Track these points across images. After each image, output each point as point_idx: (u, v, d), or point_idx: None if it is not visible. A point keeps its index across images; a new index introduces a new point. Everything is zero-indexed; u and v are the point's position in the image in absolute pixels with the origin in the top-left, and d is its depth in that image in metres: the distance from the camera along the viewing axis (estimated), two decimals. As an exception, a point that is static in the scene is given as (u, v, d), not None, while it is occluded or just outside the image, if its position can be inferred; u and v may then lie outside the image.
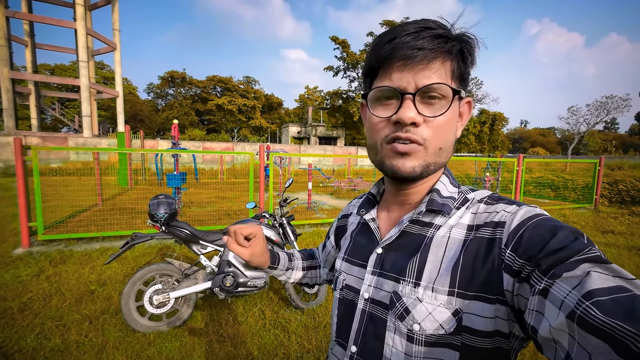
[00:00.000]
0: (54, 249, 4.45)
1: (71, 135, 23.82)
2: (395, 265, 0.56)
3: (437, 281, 0.50)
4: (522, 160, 8.09)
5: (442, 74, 0.50)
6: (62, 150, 4.36)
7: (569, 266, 0.37)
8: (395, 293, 0.54)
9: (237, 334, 2.63)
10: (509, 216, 0.48)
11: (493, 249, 0.47)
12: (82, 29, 22.15)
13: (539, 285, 0.38)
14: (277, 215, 3.15)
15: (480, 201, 0.55)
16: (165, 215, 2.73)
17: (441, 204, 0.55)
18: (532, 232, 0.44)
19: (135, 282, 2.69)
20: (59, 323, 2.70)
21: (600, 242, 5.52)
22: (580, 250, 0.38)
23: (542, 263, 0.40)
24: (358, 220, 0.71)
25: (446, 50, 0.50)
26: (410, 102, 0.50)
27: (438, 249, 0.52)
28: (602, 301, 0.31)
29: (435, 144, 0.52)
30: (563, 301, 0.34)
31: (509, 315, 0.45)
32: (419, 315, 0.50)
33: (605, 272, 0.35)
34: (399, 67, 0.50)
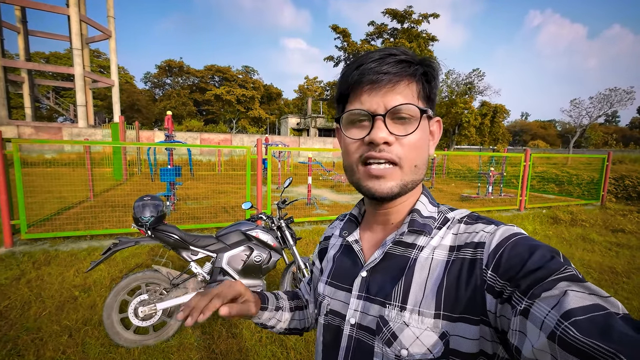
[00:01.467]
0: (38, 249, 4.20)
1: (66, 125, 23.39)
2: (381, 288, 0.55)
3: (422, 304, 0.50)
4: (529, 155, 7.83)
5: (409, 95, 0.52)
6: (45, 143, 4.08)
7: (547, 285, 0.37)
8: (381, 318, 0.53)
9: (230, 350, 2.40)
10: (488, 236, 0.49)
11: (475, 269, 0.47)
12: (76, 16, 21.52)
13: (519, 306, 0.39)
14: (275, 218, 2.89)
15: (460, 221, 0.55)
16: (151, 219, 2.47)
17: (422, 224, 0.55)
18: (511, 252, 0.44)
19: (119, 291, 2.44)
20: (35, 336, 2.47)
21: (611, 242, 5.31)
22: (557, 269, 0.39)
23: (521, 283, 0.40)
24: (340, 242, 0.69)
25: (410, 73, 0.52)
26: (381, 123, 0.52)
27: (422, 271, 0.52)
28: (579, 321, 0.32)
29: (410, 162, 0.53)
30: (543, 321, 0.35)
31: (492, 337, 0.45)
32: (407, 340, 0.50)
33: (581, 291, 0.36)
34: (368, 91, 0.52)
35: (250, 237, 2.72)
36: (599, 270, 4.11)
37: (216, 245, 2.66)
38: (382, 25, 31.15)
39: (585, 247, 5.08)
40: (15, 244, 4.32)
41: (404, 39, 29.17)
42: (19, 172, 4.20)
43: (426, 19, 29.43)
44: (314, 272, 0.79)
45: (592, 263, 4.37)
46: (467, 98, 32.78)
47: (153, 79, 51.83)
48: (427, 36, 30.32)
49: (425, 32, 30.38)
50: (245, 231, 2.72)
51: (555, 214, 7.06)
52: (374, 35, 31.82)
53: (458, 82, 34.42)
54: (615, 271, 4.07)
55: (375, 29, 31.40)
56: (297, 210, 6.97)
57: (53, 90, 31.29)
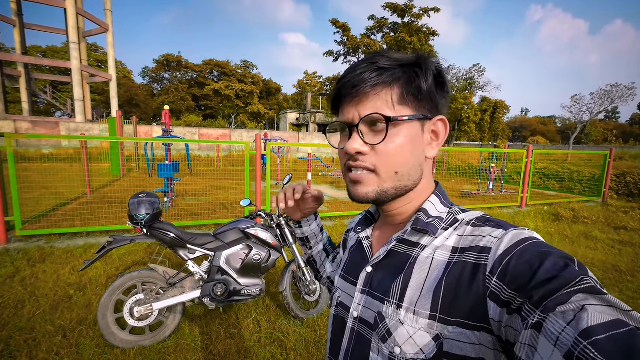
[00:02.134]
0: (33, 246, 4.13)
1: (63, 120, 23.21)
2: (382, 284, 0.56)
3: (418, 303, 0.50)
4: (531, 151, 7.76)
5: (377, 103, 0.52)
6: (39, 138, 3.99)
7: (562, 299, 0.35)
8: (379, 314, 0.54)
9: (228, 351, 2.34)
10: (495, 242, 0.46)
11: (477, 275, 0.45)
12: (72, 9, 21.24)
13: (531, 319, 0.36)
14: (275, 215, 2.82)
15: (469, 223, 0.54)
16: (146, 217, 2.40)
17: (426, 224, 0.55)
18: (519, 259, 0.42)
19: (114, 291, 2.37)
20: (29, 336, 2.40)
21: (614, 240, 5.27)
22: (573, 279, 0.36)
23: (533, 295, 0.38)
24: (356, 237, 0.71)
25: (383, 81, 0.52)
26: (355, 134, 0.53)
27: (421, 270, 0.52)
28: (599, 340, 0.30)
29: (388, 169, 0.54)
30: (558, 338, 0.33)
31: (494, 345, 0.43)
32: (400, 339, 0.50)
33: (600, 304, 0.33)
34: (347, 102, 0.55)
35: (249, 235, 2.65)
36: (602, 269, 4.06)
37: (214, 243, 2.59)
38: (382, 19, 30.87)
39: (588, 245, 5.03)
40: (10, 241, 4.24)
41: (405, 33, 28.92)
42: (13, 167, 4.11)
43: (427, 13, 29.16)
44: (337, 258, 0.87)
45: (596, 261, 4.32)
46: (467, 94, 32.62)
47: (151, 73, 51.46)
48: (427, 31, 30.06)
49: (426, 27, 30.12)
50: (243, 229, 2.65)
51: (556, 211, 7.01)
52: (374, 29, 31.55)
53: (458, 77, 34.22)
54: (619, 269, 4.02)
55: (376, 23, 31.12)
56: (296, 207, 6.91)
57: (50, 84, 31.01)
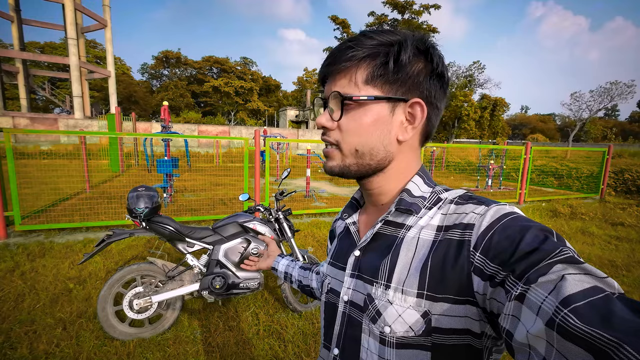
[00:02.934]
0: (33, 241, 4.14)
1: (62, 116, 23.14)
2: (370, 267, 0.57)
3: (406, 283, 0.50)
4: (529, 148, 7.78)
5: (345, 82, 0.54)
6: (38, 133, 4.00)
7: (543, 269, 0.36)
8: (368, 295, 0.55)
9: (227, 343, 2.36)
10: (478, 218, 0.48)
11: (462, 251, 0.47)
12: (70, 4, 21.11)
13: (514, 291, 0.38)
14: (273, 209, 2.84)
15: (452, 201, 0.54)
16: (145, 210, 2.41)
17: (410, 203, 0.55)
18: (501, 234, 0.43)
19: (114, 284, 2.39)
20: (29, 329, 2.42)
21: (611, 236, 5.30)
22: (552, 251, 0.38)
23: (515, 268, 0.39)
24: (344, 224, 0.71)
25: (351, 59, 0.53)
26: (326, 109, 0.57)
27: (408, 250, 0.53)
28: (579, 307, 0.31)
29: (348, 146, 0.55)
30: (540, 307, 0.34)
31: (480, 316, 0.45)
32: (390, 318, 0.51)
33: (578, 273, 0.35)
34: (327, 80, 0.58)
35: (248, 229, 2.67)
36: (598, 264, 4.09)
37: (213, 237, 2.60)
38: (382, 15, 30.76)
39: (585, 241, 5.06)
40: (10, 236, 4.26)
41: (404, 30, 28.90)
42: (12, 162, 4.12)
43: (427, 9, 29.06)
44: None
45: (592, 256, 4.35)
46: (467, 91, 32.57)
47: (150, 70, 51.25)
48: (427, 28, 29.97)
49: (426, 24, 30.03)
50: (242, 223, 2.66)
51: (554, 207, 7.04)
52: (374, 26, 31.45)
53: (458, 74, 34.15)
54: (615, 264, 4.05)
55: (376, 19, 31.01)
56: (296, 203, 6.93)
57: (49, 81, 30.88)
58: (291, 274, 0.98)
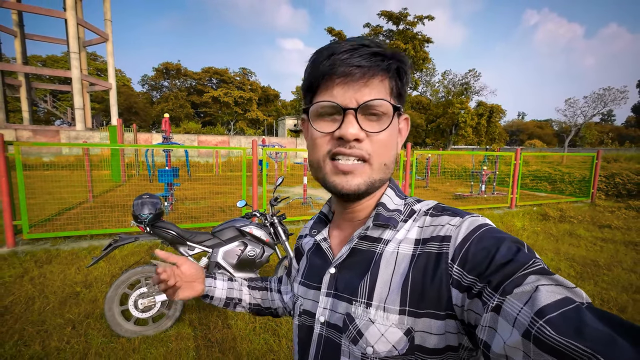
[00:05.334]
0: (40, 248, 4.32)
1: (63, 128, 23.44)
2: (348, 285, 0.55)
3: (387, 300, 0.49)
4: (519, 154, 8.00)
5: (382, 91, 0.51)
6: (45, 146, 4.22)
7: (517, 280, 0.38)
8: (348, 315, 0.53)
9: (225, 339, 2.54)
10: (454, 230, 0.48)
11: (440, 264, 0.47)
12: (73, 19, 21.61)
13: (491, 302, 0.39)
14: (268, 215, 3.04)
15: (426, 213, 0.55)
16: (149, 216, 2.62)
17: (387, 218, 0.55)
18: (477, 245, 0.44)
19: (120, 285, 2.58)
20: (40, 328, 2.60)
21: (597, 237, 5.48)
22: (525, 262, 0.39)
23: (491, 279, 0.40)
24: (312, 241, 0.68)
25: (384, 68, 0.51)
26: (353, 118, 0.50)
27: (387, 265, 0.52)
28: (553, 318, 0.32)
29: (380, 159, 0.52)
30: (516, 318, 0.35)
31: (457, 329, 0.45)
32: (372, 338, 0.49)
33: (550, 284, 0.36)
34: (340, 84, 0.50)
35: (245, 233, 2.86)
36: (582, 264, 4.27)
37: (212, 240, 2.80)
38: (377, 27, 31.38)
39: (571, 242, 5.24)
40: (18, 244, 4.44)
41: (400, 40, 29.42)
42: (21, 174, 4.33)
43: (421, 20, 29.68)
44: (291, 272, 0.80)
45: (576, 257, 4.53)
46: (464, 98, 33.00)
47: (150, 81, 51.89)
48: (422, 38, 30.56)
49: (421, 34, 30.62)
50: (239, 227, 2.86)
51: (545, 211, 7.23)
52: (369, 37, 32.03)
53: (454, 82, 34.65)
54: (597, 264, 4.23)
55: (371, 30, 31.62)
56: (293, 210, 7.11)
57: (50, 93, 31.33)
58: (239, 299, 0.83)
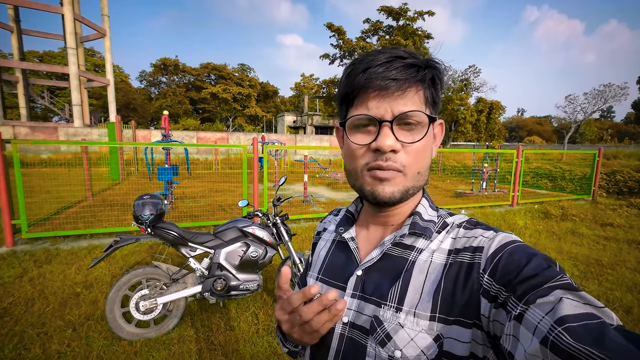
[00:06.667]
0: (39, 248, 4.28)
1: (61, 125, 23.29)
2: (377, 288, 0.56)
3: (418, 306, 0.50)
4: (521, 151, 7.96)
5: (417, 102, 0.52)
6: (43, 144, 4.16)
7: (543, 292, 0.38)
8: (376, 318, 0.54)
9: (228, 341, 2.51)
10: (487, 242, 0.50)
11: (472, 273, 0.48)
12: (70, 14, 21.37)
13: (514, 311, 0.39)
14: (271, 215, 3.00)
15: (459, 226, 0.56)
16: (150, 217, 2.57)
17: (423, 227, 0.56)
18: (509, 258, 0.45)
19: (121, 287, 2.54)
20: (40, 331, 2.56)
21: (599, 236, 5.46)
22: (553, 277, 0.40)
23: (517, 289, 0.41)
24: (333, 237, 0.69)
25: (419, 79, 0.52)
26: (389, 130, 0.51)
27: (420, 273, 0.53)
28: (573, 327, 0.32)
29: (414, 169, 0.54)
30: (537, 326, 0.35)
31: (483, 340, 0.46)
32: (401, 342, 0.50)
33: (576, 299, 0.36)
34: (375, 97, 0.52)
35: (247, 234, 2.82)
36: (585, 263, 4.25)
37: (214, 241, 2.76)
38: (377, 22, 31.15)
39: (574, 241, 5.22)
40: (17, 243, 4.39)
41: (400, 36, 29.22)
42: (19, 172, 4.27)
43: (421, 16, 29.46)
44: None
45: (580, 256, 4.51)
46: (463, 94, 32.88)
47: (148, 77, 51.54)
48: (422, 34, 30.37)
49: (421, 30, 30.43)
50: (241, 228, 2.82)
51: (546, 209, 7.21)
52: (369, 32, 31.80)
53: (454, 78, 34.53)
54: (601, 263, 4.21)
55: (371, 26, 31.38)
56: (293, 208, 7.08)
57: (48, 89, 31.08)
58: None
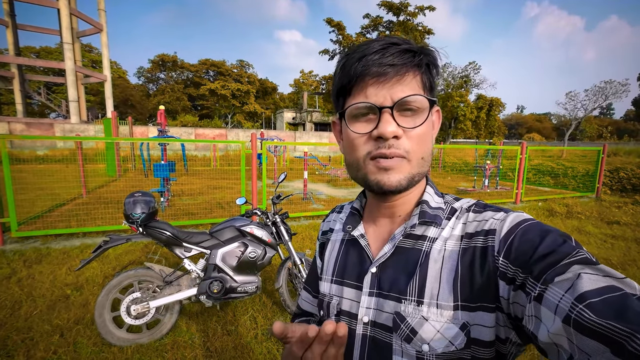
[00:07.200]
0: (29, 247, 4.12)
1: (58, 121, 23.05)
2: (395, 284, 0.54)
3: (440, 297, 0.49)
4: (525, 148, 7.83)
5: (415, 87, 0.51)
6: (34, 139, 4.00)
7: (560, 270, 0.37)
8: (397, 314, 0.52)
9: (225, 348, 2.36)
10: (499, 223, 0.48)
11: (487, 257, 0.47)
12: (65, 9, 21.07)
13: (534, 292, 0.38)
14: (270, 213, 2.85)
15: (468, 210, 0.55)
16: (142, 216, 2.41)
17: (433, 215, 0.55)
18: (522, 238, 0.44)
19: (111, 290, 2.39)
20: (26, 336, 2.41)
21: (606, 234, 5.34)
22: (569, 253, 0.39)
23: (534, 269, 0.40)
24: (341, 236, 0.67)
25: (415, 63, 0.51)
26: (389, 116, 0.50)
27: (436, 263, 0.51)
28: (594, 303, 0.32)
29: (418, 154, 0.52)
30: (557, 305, 0.35)
31: (505, 322, 0.45)
32: (427, 335, 0.49)
33: (595, 273, 0.35)
34: (373, 84, 0.50)
35: (245, 233, 2.67)
36: (594, 262, 4.12)
37: (210, 241, 2.61)
38: (377, 17, 30.88)
39: (581, 240, 5.09)
40: (6, 242, 4.23)
41: (400, 31, 28.96)
42: (7, 168, 4.10)
43: (422, 11, 29.20)
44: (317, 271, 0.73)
45: (588, 255, 4.38)
46: (463, 91, 32.71)
47: (146, 73, 51.15)
48: (423, 29, 30.13)
49: (421, 25, 30.18)
50: (239, 227, 2.67)
51: (551, 207, 7.08)
52: (369, 28, 31.55)
53: (454, 75, 34.34)
54: (611, 263, 4.08)
55: (371, 21, 31.12)
56: (293, 205, 6.93)
57: (44, 85, 30.78)
58: None
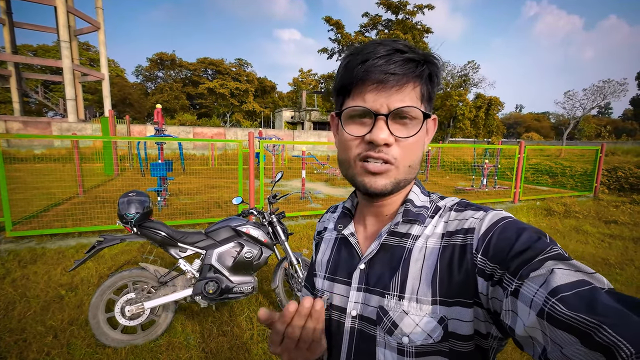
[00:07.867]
0: (24, 247, 4.09)
1: (55, 120, 22.93)
2: (380, 279, 0.57)
3: (419, 292, 0.51)
4: (523, 147, 7.82)
5: (413, 98, 0.52)
6: (30, 138, 3.96)
7: (535, 265, 0.39)
8: (381, 308, 0.55)
9: (221, 348, 2.34)
10: (478, 222, 0.50)
11: (465, 254, 0.49)
12: (63, 7, 20.94)
13: (510, 287, 0.40)
14: (266, 213, 2.82)
15: (451, 209, 0.57)
16: (136, 216, 2.39)
17: (416, 214, 0.57)
18: (500, 235, 0.46)
19: (105, 290, 2.37)
20: (19, 337, 2.39)
21: (604, 233, 5.34)
22: (544, 249, 0.41)
23: (510, 265, 0.42)
24: (334, 235, 0.70)
25: (417, 74, 0.52)
26: (384, 124, 0.51)
27: (417, 260, 0.54)
28: (566, 297, 0.33)
29: (406, 162, 0.54)
30: (532, 299, 0.36)
31: (485, 317, 0.47)
32: (407, 328, 0.51)
33: (567, 268, 0.37)
34: (372, 90, 0.52)
35: (241, 233, 2.65)
36: (592, 262, 4.12)
37: (205, 241, 2.58)
38: (376, 16, 30.82)
39: (578, 239, 5.09)
40: (0, 242, 4.20)
41: (399, 30, 28.92)
42: (2, 167, 4.06)
43: (421, 10, 29.16)
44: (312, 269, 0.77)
45: (586, 254, 4.38)
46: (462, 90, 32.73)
47: (145, 72, 50.93)
48: (422, 28, 30.09)
49: (420, 24, 30.14)
50: (235, 227, 2.64)
51: (549, 206, 7.08)
52: (368, 26, 31.49)
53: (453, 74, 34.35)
54: (608, 263, 4.08)
55: (370, 20, 31.06)
56: (291, 205, 6.91)
57: (42, 84, 30.62)
58: None
